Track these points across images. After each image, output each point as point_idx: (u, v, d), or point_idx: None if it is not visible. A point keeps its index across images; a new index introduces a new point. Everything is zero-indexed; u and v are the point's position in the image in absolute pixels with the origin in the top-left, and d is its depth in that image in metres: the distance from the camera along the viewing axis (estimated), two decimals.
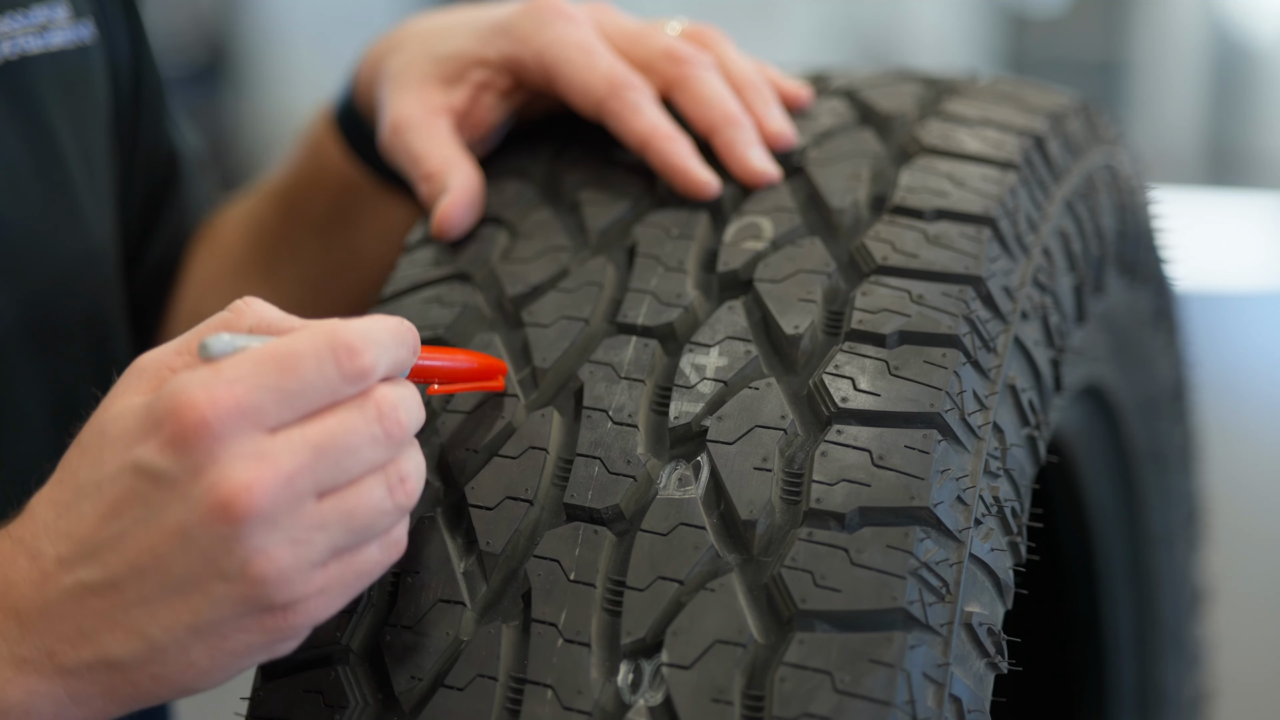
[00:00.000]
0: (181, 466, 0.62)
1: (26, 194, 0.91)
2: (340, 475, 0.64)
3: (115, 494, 0.63)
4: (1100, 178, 0.94)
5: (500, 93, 0.90)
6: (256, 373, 0.63)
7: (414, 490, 0.66)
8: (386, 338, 0.66)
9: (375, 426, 0.64)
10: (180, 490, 0.62)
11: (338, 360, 0.64)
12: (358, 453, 0.64)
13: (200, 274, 1.12)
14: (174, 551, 0.62)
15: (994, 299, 0.77)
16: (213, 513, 0.61)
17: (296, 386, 0.63)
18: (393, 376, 0.67)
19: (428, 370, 0.72)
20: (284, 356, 0.63)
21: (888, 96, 0.89)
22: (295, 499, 0.63)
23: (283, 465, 0.62)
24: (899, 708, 0.65)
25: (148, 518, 0.63)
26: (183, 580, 0.63)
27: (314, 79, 4.77)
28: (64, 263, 0.93)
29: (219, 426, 0.62)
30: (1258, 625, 2.97)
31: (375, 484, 0.65)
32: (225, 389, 0.62)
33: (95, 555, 0.63)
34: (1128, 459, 1.12)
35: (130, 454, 0.63)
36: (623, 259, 0.82)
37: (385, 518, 0.65)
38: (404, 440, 0.66)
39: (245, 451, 0.62)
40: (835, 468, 0.70)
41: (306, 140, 1.07)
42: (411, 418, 0.66)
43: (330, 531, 0.64)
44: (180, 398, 0.62)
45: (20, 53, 0.91)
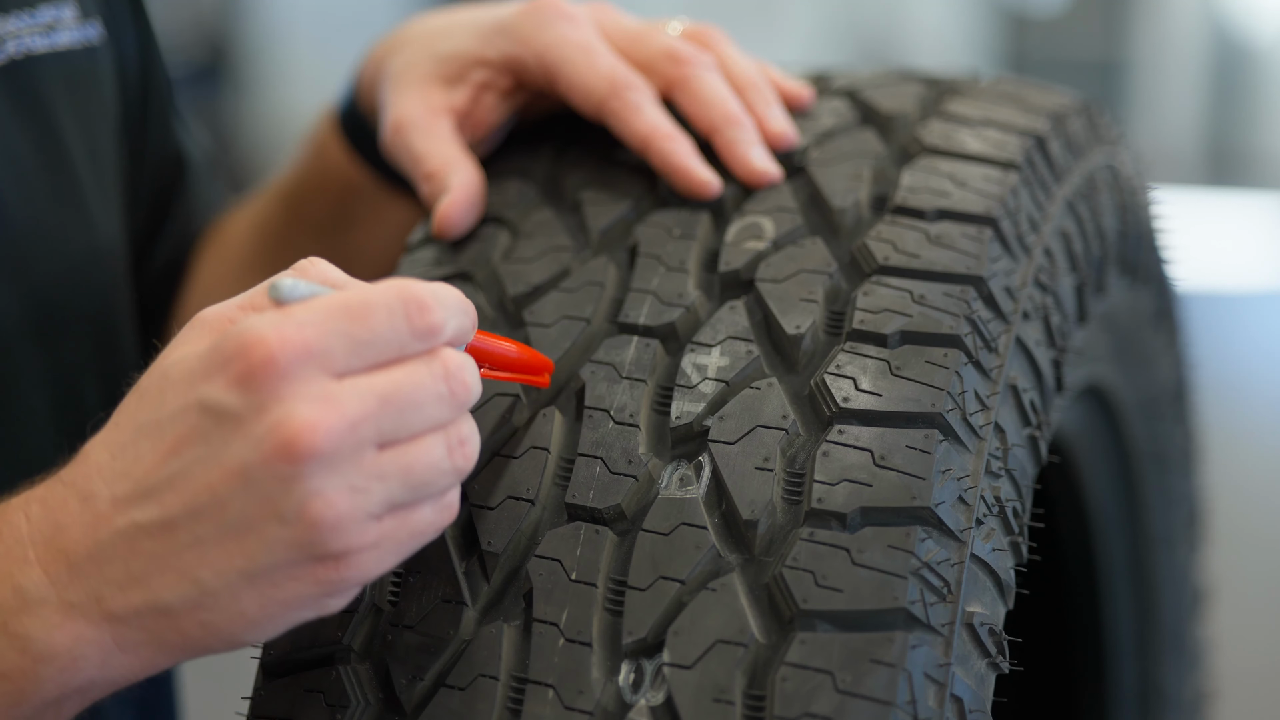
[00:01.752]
0: (247, 404, 0.62)
1: (32, 191, 0.91)
2: (402, 428, 0.64)
3: (177, 432, 0.63)
4: (1102, 178, 0.94)
5: (501, 93, 0.90)
6: (327, 318, 0.63)
7: (472, 454, 0.66)
8: (454, 303, 0.66)
9: (441, 385, 0.65)
10: (244, 428, 0.62)
11: (408, 314, 0.64)
12: (422, 408, 0.64)
13: (206, 275, 1.12)
14: (233, 491, 0.62)
15: (995, 299, 0.77)
16: (275, 451, 0.61)
17: (366, 335, 0.63)
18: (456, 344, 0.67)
19: (481, 351, 0.71)
20: (356, 305, 0.63)
21: (889, 97, 0.89)
22: (357, 445, 0.62)
23: (347, 410, 0.62)
24: (900, 708, 0.65)
25: (208, 456, 0.62)
26: (239, 521, 0.62)
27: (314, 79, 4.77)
28: (70, 260, 0.93)
29: (286, 365, 0.61)
30: (1258, 625, 2.97)
31: (436, 442, 0.65)
32: (295, 329, 0.62)
33: (151, 495, 0.63)
34: (1129, 459, 1.12)
35: (195, 392, 0.63)
36: (624, 259, 0.82)
37: (443, 477, 0.65)
38: (467, 403, 0.66)
39: (311, 393, 0.62)
40: (837, 468, 0.70)
41: (310, 141, 1.07)
42: (475, 383, 0.67)
43: (388, 483, 0.63)
44: (249, 335, 0.62)
45: (26, 52, 0.91)
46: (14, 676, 0.64)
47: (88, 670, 0.64)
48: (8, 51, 0.90)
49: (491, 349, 0.72)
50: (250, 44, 5.72)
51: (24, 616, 0.64)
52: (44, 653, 0.64)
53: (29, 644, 0.64)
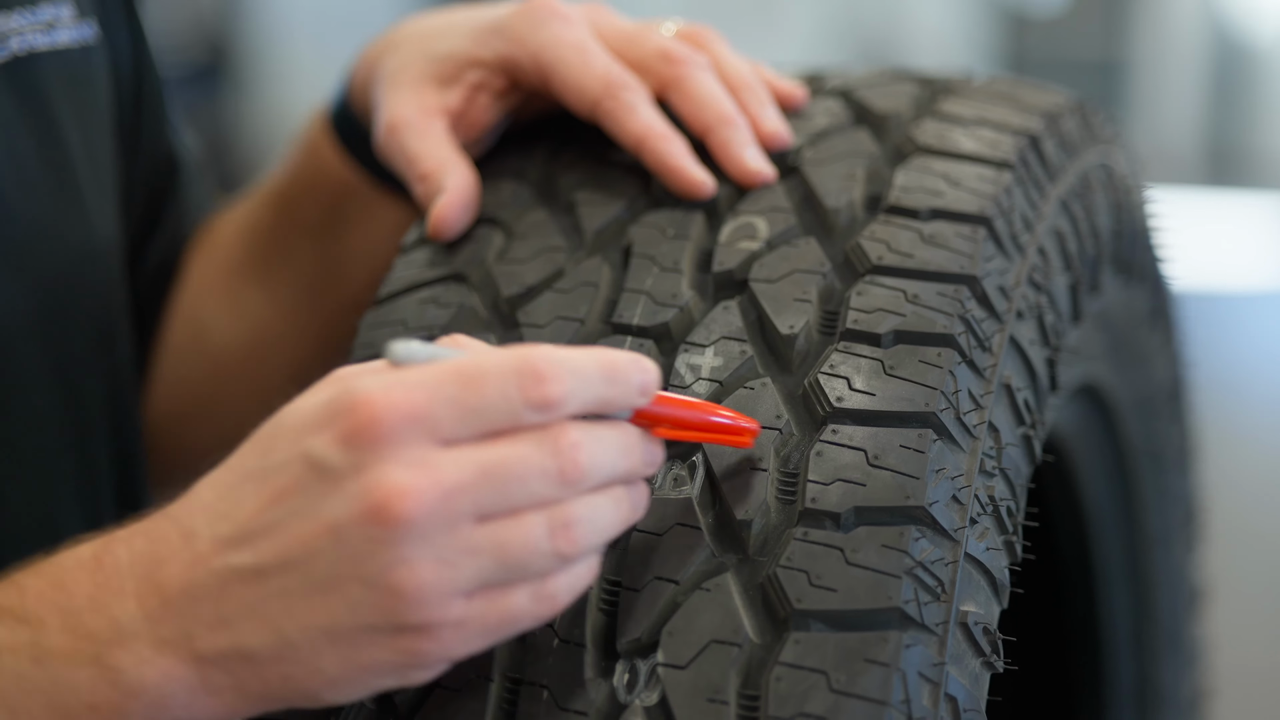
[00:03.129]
0: (347, 461, 0.62)
1: (35, 189, 0.91)
2: (502, 503, 0.62)
3: (280, 482, 0.63)
4: (1096, 177, 0.94)
5: (496, 93, 0.90)
6: (438, 383, 0.62)
7: (578, 538, 0.64)
8: (592, 371, 0.64)
9: (549, 461, 0.63)
10: (341, 485, 0.62)
11: (522, 384, 0.62)
12: (525, 483, 0.62)
13: (197, 277, 1.12)
14: (323, 547, 0.62)
15: (989, 298, 0.77)
16: (367, 513, 0.61)
17: (476, 404, 0.62)
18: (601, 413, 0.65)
19: (654, 415, 0.68)
20: (469, 372, 0.63)
21: (883, 96, 0.89)
22: (451, 517, 0.61)
23: (445, 479, 0.61)
24: (894, 707, 0.65)
25: (305, 509, 0.62)
26: (325, 579, 0.62)
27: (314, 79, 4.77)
28: (70, 258, 0.94)
29: (390, 427, 0.61)
30: (1256, 624, 2.97)
31: (537, 521, 0.63)
32: (403, 392, 0.62)
33: (249, 540, 0.63)
34: (1125, 458, 1.12)
35: (301, 444, 0.63)
36: (618, 259, 0.82)
37: (540, 560, 0.63)
38: (579, 482, 0.64)
39: (411, 458, 0.61)
40: (830, 467, 0.70)
41: (302, 143, 1.07)
42: (598, 462, 0.64)
43: (480, 560, 0.62)
44: (358, 395, 0.62)
45: (29, 49, 0.91)
46: (102, 709, 0.64)
47: (173, 709, 0.64)
48: (10, 48, 0.90)
49: (669, 415, 0.68)
50: (250, 44, 5.72)
51: (117, 649, 0.64)
52: (133, 687, 0.64)
53: (120, 677, 0.64)
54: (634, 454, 0.66)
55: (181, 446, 1.11)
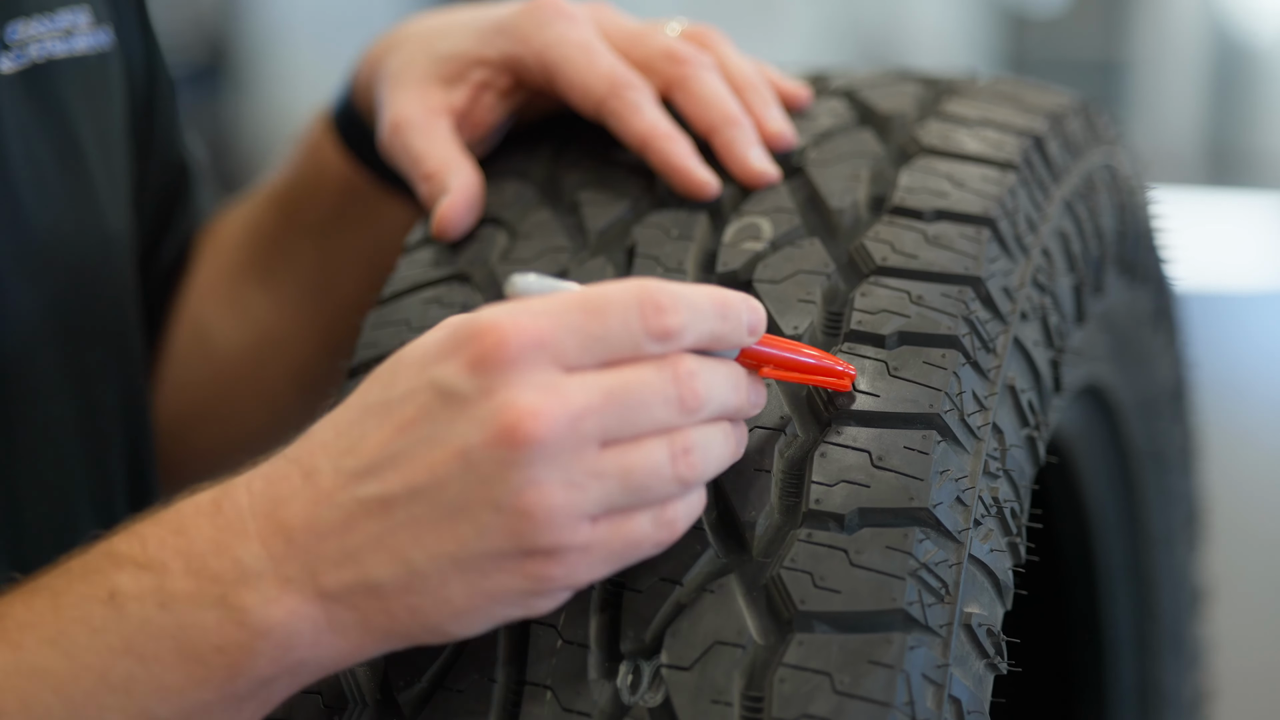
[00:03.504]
0: (475, 386, 0.62)
1: (54, 197, 0.91)
2: (626, 427, 0.64)
3: (405, 412, 0.64)
4: (1100, 178, 0.94)
5: (500, 92, 0.90)
6: (563, 311, 0.63)
7: (698, 464, 0.65)
8: (706, 306, 0.66)
9: (670, 388, 0.64)
10: (469, 410, 0.62)
11: (644, 314, 0.64)
12: (648, 409, 0.64)
13: (199, 280, 1.12)
14: (452, 473, 0.62)
15: (993, 300, 0.77)
16: (497, 435, 0.62)
17: (600, 331, 0.63)
18: (712, 349, 0.66)
19: (760, 354, 0.69)
20: (592, 301, 0.64)
21: (887, 97, 0.89)
22: (579, 439, 0.62)
23: (572, 402, 0.62)
24: (898, 709, 0.65)
25: (433, 436, 0.63)
26: (455, 504, 0.63)
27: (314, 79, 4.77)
28: (87, 267, 0.93)
29: (518, 352, 0.62)
30: (1258, 625, 2.97)
31: (659, 446, 0.64)
32: (529, 319, 0.63)
33: (373, 471, 0.63)
34: (1127, 459, 1.12)
35: (427, 373, 0.64)
36: (622, 260, 0.81)
37: (663, 484, 0.65)
38: (697, 410, 0.65)
39: (539, 381, 0.62)
40: (834, 468, 0.70)
41: (304, 142, 1.07)
42: (713, 392, 0.66)
43: (606, 483, 0.63)
44: (484, 322, 0.63)
45: (47, 56, 0.91)
46: (230, 650, 0.65)
47: (300, 649, 0.65)
48: (30, 55, 0.90)
49: (772, 354, 0.70)
50: (250, 44, 5.72)
51: (242, 589, 0.64)
52: (260, 626, 0.64)
53: (246, 617, 0.64)
54: (742, 390, 0.68)
55: (186, 449, 1.11)
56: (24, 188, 0.88)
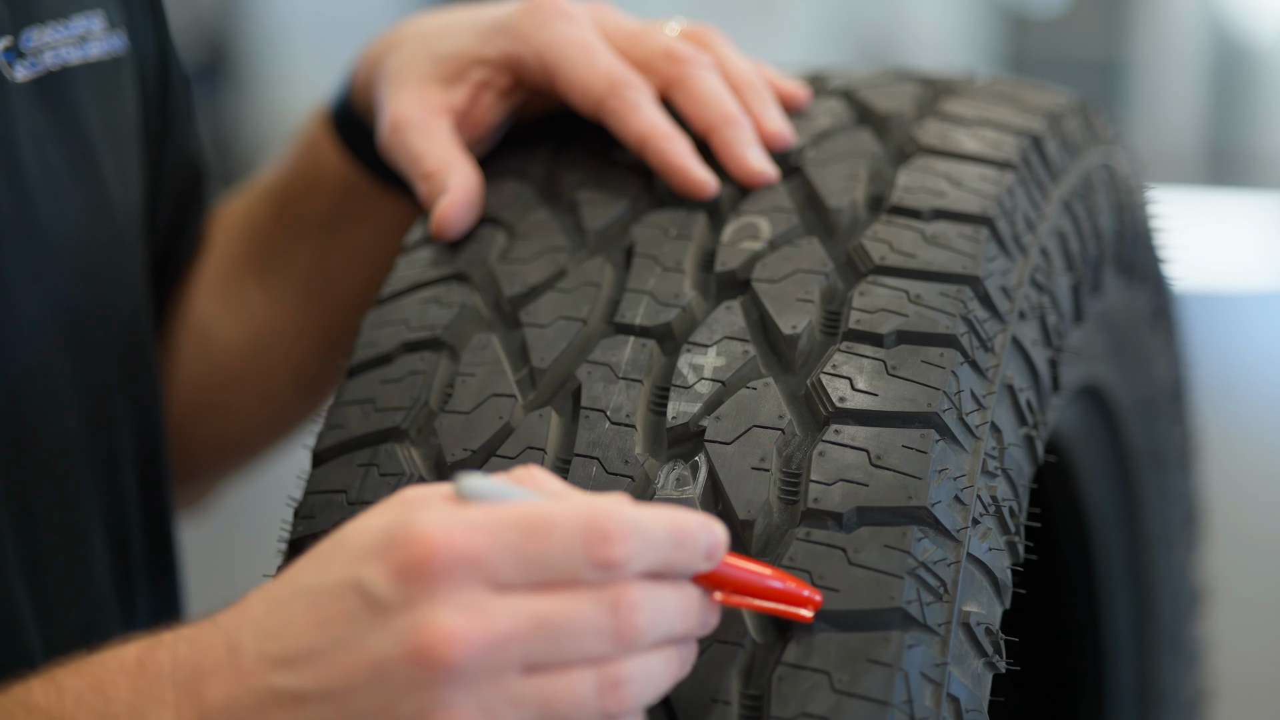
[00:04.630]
0: (397, 597, 0.60)
1: (68, 205, 0.90)
2: (552, 656, 0.61)
3: (330, 607, 0.62)
4: (1098, 177, 0.94)
5: (500, 92, 0.90)
6: (501, 528, 0.61)
7: (628, 696, 0.62)
8: (660, 534, 0.62)
9: (605, 619, 0.61)
10: (389, 621, 0.60)
11: (588, 542, 0.61)
12: (578, 639, 0.61)
13: (197, 278, 1.12)
14: (364, 682, 0.60)
15: (991, 299, 0.77)
16: (411, 653, 0.60)
17: (537, 555, 0.61)
18: (665, 575, 0.63)
19: (717, 579, 0.65)
20: (534, 521, 0.61)
21: (885, 96, 0.89)
22: (498, 666, 0.60)
23: (496, 626, 0.60)
24: (897, 707, 0.65)
25: (351, 640, 0.61)
26: (362, 714, 0.61)
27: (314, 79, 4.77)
28: (100, 276, 0.93)
29: (445, 567, 0.60)
30: (1258, 625, 2.97)
31: (585, 678, 0.61)
32: (463, 533, 0.60)
33: (291, 663, 0.62)
34: (1126, 459, 1.12)
35: (356, 571, 0.62)
36: (620, 259, 0.82)
37: (585, 717, 0.61)
38: (634, 641, 0.62)
39: (463, 601, 0.60)
40: (833, 467, 0.70)
41: (301, 140, 1.07)
42: (656, 622, 0.62)
43: (523, 712, 0.60)
44: (416, 528, 0.61)
45: (62, 64, 0.90)
46: None
47: None
48: (45, 63, 0.89)
49: (731, 577, 0.65)
50: (250, 44, 5.72)
51: None
52: None
53: None
54: (691, 616, 0.64)
55: (187, 448, 1.11)
56: (38, 196, 0.88)
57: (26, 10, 0.89)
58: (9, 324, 0.86)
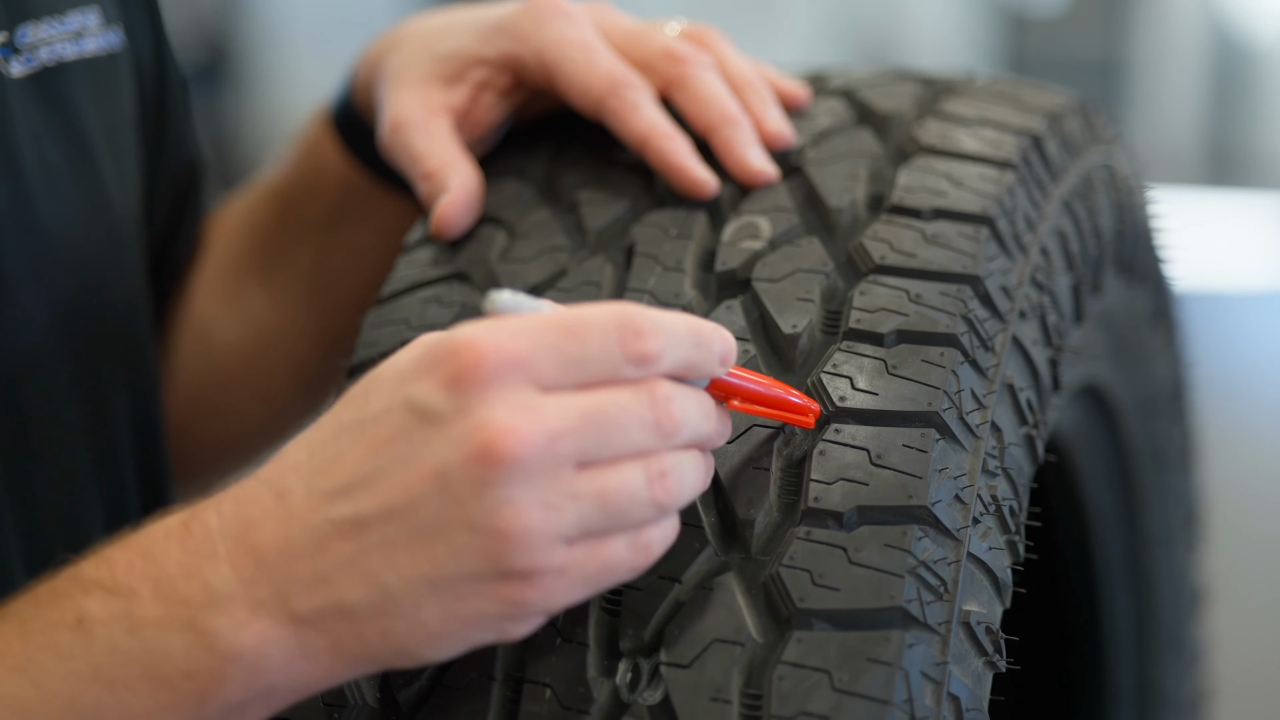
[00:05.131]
0: (451, 405, 0.62)
1: (66, 201, 0.90)
2: (603, 449, 0.63)
3: (380, 431, 0.63)
4: (1098, 177, 0.94)
5: (500, 92, 0.90)
6: (541, 331, 0.63)
7: (674, 488, 0.65)
8: (683, 334, 0.65)
9: (647, 411, 0.64)
10: (445, 428, 0.62)
11: (623, 338, 0.63)
12: (625, 432, 0.63)
13: (198, 277, 1.12)
14: (428, 493, 0.62)
15: (992, 298, 0.77)
16: (473, 454, 0.61)
17: (577, 353, 0.63)
18: (686, 377, 0.66)
19: (729, 386, 0.69)
20: (571, 322, 0.63)
21: (886, 96, 0.89)
22: (555, 459, 0.62)
23: (549, 421, 0.62)
24: (897, 706, 0.65)
25: (408, 455, 0.62)
26: (429, 525, 0.62)
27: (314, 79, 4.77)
28: (98, 272, 0.93)
29: (495, 370, 0.61)
30: (1258, 625, 2.97)
31: (635, 470, 0.64)
32: (507, 338, 0.62)
33: (347, 491, 0.62)
34: (1126, 459, 1.12)
35: (403, 391, 0.63)
36: (621, 258, 0.82)
37: (639, 508, 0.64)
38: (673, 434, 0.64)
39: (516, 400, 0.61)
40: (833, 466, 0.70)
41: (302, 140, 1.07)
42: (688, 417, 0.65)
43: (582, 505, 0.62)
44: (461, 339, 0.62)
45: (57, 59, 0.91)
46: (199, 675, 0.63)
47: (271, 673, 0.64)
48: (40, 59, 0.89)
49: (740, 386, 0.69)
50: (250, 44, 5.72)
51: (211, 613, 0.63)
52: (230, 651, 0.63)
53: (215, 641, 0.63)
54: (713, 418, 0.67)
55: (189, 447, 1.11)
56: (36, 192, 0.88)
57: (22, 6, 0.89)
58: (7, 318, 0.87)
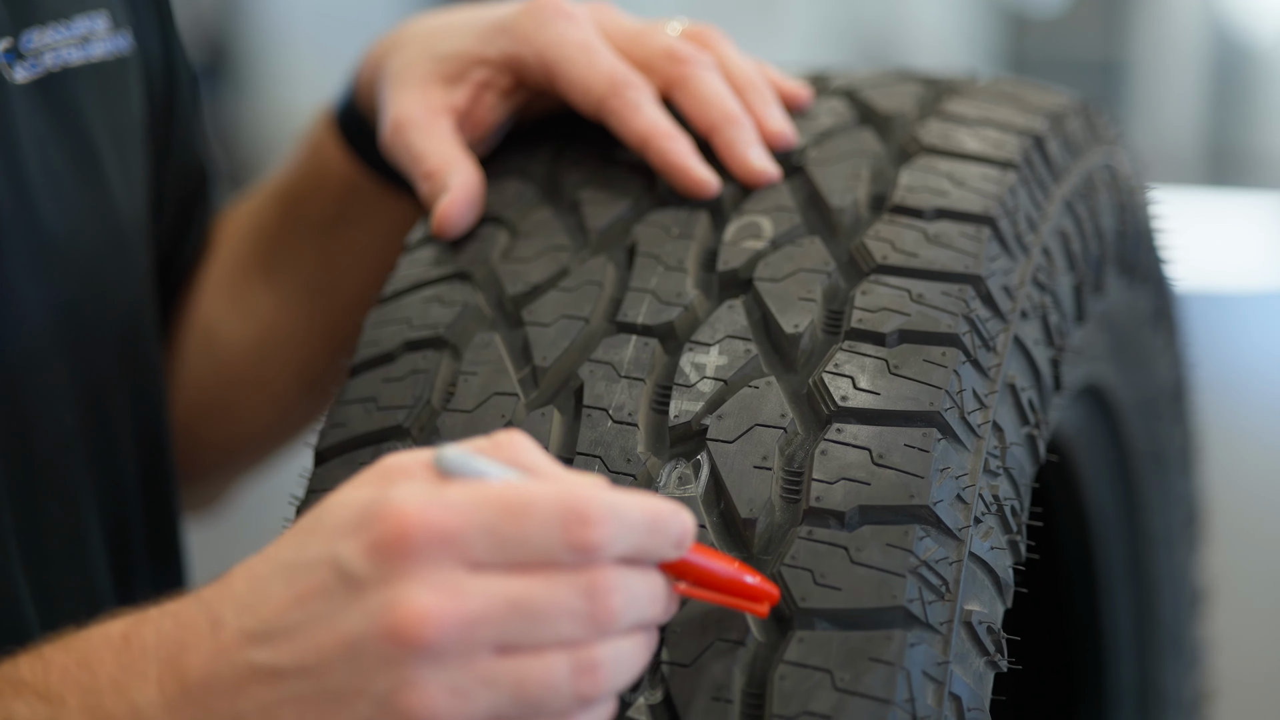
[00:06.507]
0: (372, 574, 0.60)
1: (69, 204, 0.90)
2: (527, 638, 0.61)
3: (308, 582, 0.62)
4: (1100, 177, 0.94)
5: (501, 92, 0.90)
6: (478, 507, 0.61)
7: (603, 680, 0.62)
8: (638, 519, 0.62)
9: (581, 603, 0.61)
10: (363, 598, 0.60)
11: (566, 525, 0.61)
12: (552, 622, 0.61)
13: (203, 278, 1.12)
14: (338, 659, 0.61)
15: (993, 298, 0.77)
16: (384, 630, 0.60)
17: (514, 536, 0.61)
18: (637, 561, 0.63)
19: (683, 567, 0.65)
20: (513, 502, 0.61)
21: (887, 96, 0.89)
22: (471, 646, 0.60)
23: (470, 606, 0.60)
24: (899, 706, 0.65)
25: (326, 616, 0.61)
26: (337, 691, 0.61)
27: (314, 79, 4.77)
28: (102, 275, 0.93)
29: (420, 545, 0.60)
30: (1258, 625, 2.97)
31: (559, 660, 0.61)
32: (439, 511, 0.60)
33: (269, 638, 0.62)
34: (1127, 459, 1.12)
35: (333, 546, 0.62)
36: (623, 258, 0.82)
37: (559, 700, 0.61)
38: (609, 627, 0.62)
39: (437, 580, 0.60)
40: (835, 466, 0.70)
41: (307, 141, 1.07)
42: (631, 608, 0.62)
43: (496, 693, 0.60)
44: (393, 505, 0.61)
45: (63, 64, 0.91)
46: None
47: None
48: (45, 64, 0.90)
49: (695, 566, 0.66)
50: (250, 44, 5.73)
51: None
52: None
53: None
54: (659, 603, 0.64)
55: (195, 447, 1.11)
56: (40, 195, 0.88)
57: (27, 11, 0.89)
58: (9, 320, 0.87)
